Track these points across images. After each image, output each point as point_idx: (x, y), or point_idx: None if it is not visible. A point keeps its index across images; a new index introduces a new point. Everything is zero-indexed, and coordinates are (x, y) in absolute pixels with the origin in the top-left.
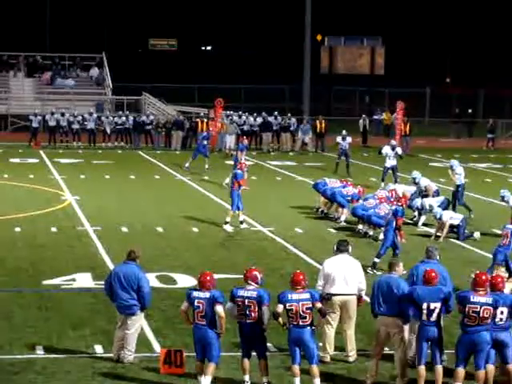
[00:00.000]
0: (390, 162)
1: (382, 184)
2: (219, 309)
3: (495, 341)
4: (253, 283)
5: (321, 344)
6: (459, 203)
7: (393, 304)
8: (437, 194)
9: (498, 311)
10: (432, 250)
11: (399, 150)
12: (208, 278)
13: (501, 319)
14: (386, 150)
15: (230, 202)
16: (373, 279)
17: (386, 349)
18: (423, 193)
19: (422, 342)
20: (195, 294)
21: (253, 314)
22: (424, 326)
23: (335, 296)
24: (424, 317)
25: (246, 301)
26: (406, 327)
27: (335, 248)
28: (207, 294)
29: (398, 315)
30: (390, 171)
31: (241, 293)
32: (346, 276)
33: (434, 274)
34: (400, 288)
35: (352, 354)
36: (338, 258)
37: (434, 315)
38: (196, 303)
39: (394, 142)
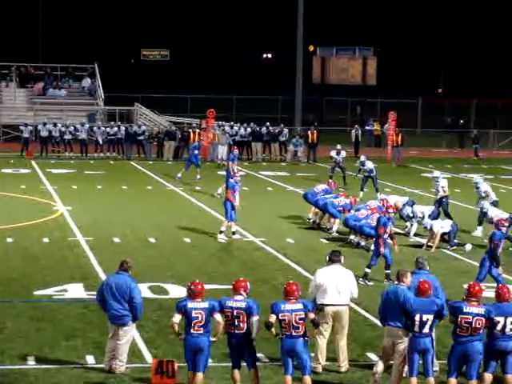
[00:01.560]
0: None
1: (361, 194)
2: (218, 317)
3: (503, 350)
4: (243, 293)
5: (313, 354)
6: (445, 214)
7: (399, 315)
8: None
9: (508, 321)
10: (422, 261)
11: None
12: (200, 287)
13: (511, 329)
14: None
15: (224, 211)
16: (365, 289)
17: (374, 357)
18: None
19: (413, 354)
20: (191, 305)
21: (241, 325)
22: (415, 337)
23: (327, 306)
24: (416, 328)
25: (235, 311)
26: (406, 339)
27: (327, 258)
28: (206, 304)
29: (402, 326)
30: (370, 179)
31: (229, 303)
32: (338, 286)
33: (427, 286)
34: (407, 300)
35: (344, 365)
36: (330, 268)
37: (427, 327)
38: (194, 314)
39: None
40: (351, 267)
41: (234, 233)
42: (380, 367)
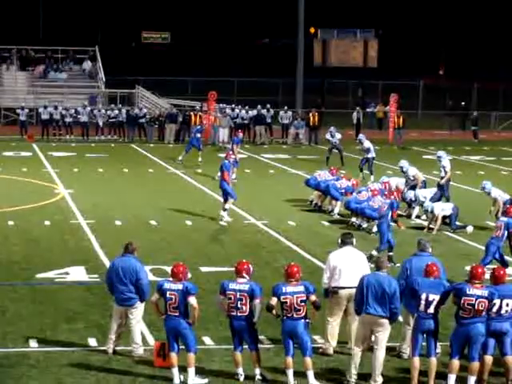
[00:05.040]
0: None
1: (360, 175)
2: (192, 300)
3: (499, 332)
4: (245, 276)
5: (316, 336)
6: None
7: (384, 304)
8: (424, 184)
9: (504, 303)
10: (424, 243)
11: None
12: (181, 269)
13: (506, 311)
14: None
15: (222, 192)
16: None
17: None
18: (411, 182)
19: (417, 334)
20: (167, 285)
21: (244, 308)
22: (421, 318)
23: (342, 289)
24: (422, 308)
25: (238, 294)
26: (389, 327)
27: (339, 241)
28: (180, 286)
29: (386, 315)
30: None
31: (232, 286)
32: (351, 269)
33: (435, 268)
34: (392, 287)
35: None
36: (343, 250)
37: (432, 307)
38: (168, 295)
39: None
40: None
41: (225, 209)
42: (357, 361)
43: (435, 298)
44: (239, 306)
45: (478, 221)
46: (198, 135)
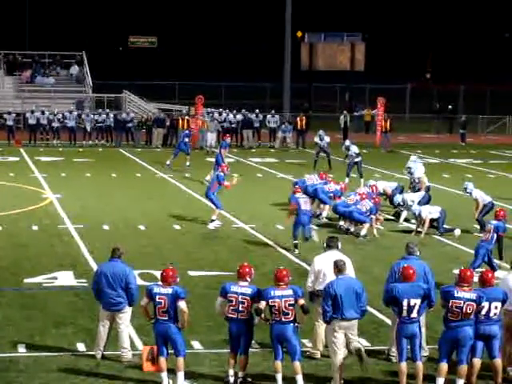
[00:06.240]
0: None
1: (347, 179)
2: (182, 304)
3: (488, 335)
4: (248, 279)
5: (304, 340)
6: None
7: (356, 307)
8: (427, 189)
9: (492, 306)
10: (412, 247)
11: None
12: (170, 273)
13: (495, 314)
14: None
15: (210, 202)
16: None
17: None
18: (416, 184)
19: (401, 339)
20: (156, 289)
21: (245, 311)
22: (403, 323)
23: None
24: (404, 313)
25: (240, 297)
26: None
27: (325, 245)
28: (169, 290)
29: (358, 316)
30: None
31: (234, 289)
32: None
33: (411, 271)
34: (360, 287)
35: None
36: (327, 254)
37: (414, 312)
38: (158, 299)
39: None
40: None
41: (213, 220)
42: (339, 365)
43: (416, 302)
44: (240, 309)
45: (466, 223)
46: (186, 140)
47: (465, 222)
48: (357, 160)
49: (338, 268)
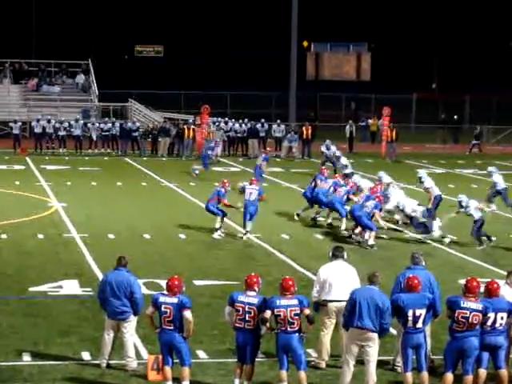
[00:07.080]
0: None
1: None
2: (187, 314)
3: (493, 345)
4: (256, 289)
5: (309, 350)
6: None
7: (376, 319)
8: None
9: (498, 316)
10: (418, 256)
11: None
12: (176, 282)
13: (500, 324)
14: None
15: (211, 213)
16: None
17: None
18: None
19: (407, 349)
20: (162, 299)
21: (252, 321)
22: (409, 333)
23: (331, 302)
24: (410, 324)
25: (247, 307)
26: (378, 341)
27: (330, 254)
28: (175, 300)
29: (377, 330)
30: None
31: (241, 298)
32: (341, 282)
33: (416, 282)
34: (385, 303)
35: None
36: (333, 264)
37: (420, 322)
38: (163, 308)
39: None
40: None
41: (217, 229)
42: (349, 377)
43: (422, 312)
44: (247, 318)
45: (468, 234)
46: (209, 152)
47: (467, 233)
48: (347, 172)
49: (370, 279)
